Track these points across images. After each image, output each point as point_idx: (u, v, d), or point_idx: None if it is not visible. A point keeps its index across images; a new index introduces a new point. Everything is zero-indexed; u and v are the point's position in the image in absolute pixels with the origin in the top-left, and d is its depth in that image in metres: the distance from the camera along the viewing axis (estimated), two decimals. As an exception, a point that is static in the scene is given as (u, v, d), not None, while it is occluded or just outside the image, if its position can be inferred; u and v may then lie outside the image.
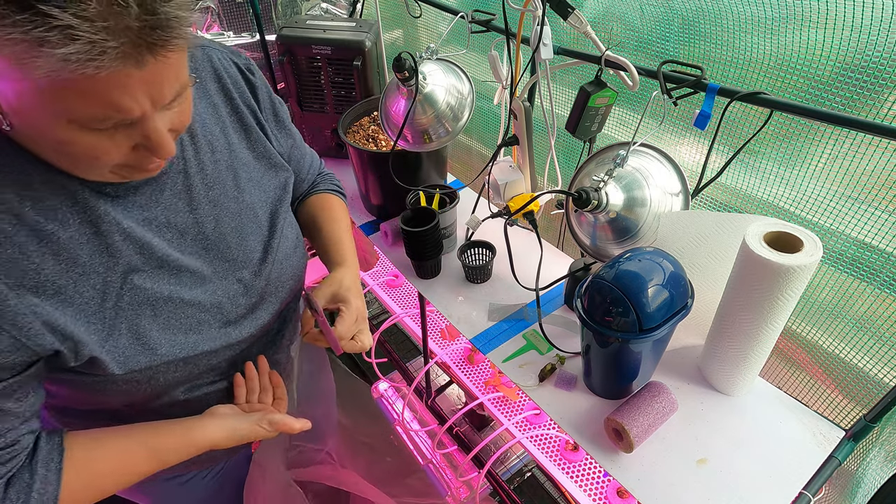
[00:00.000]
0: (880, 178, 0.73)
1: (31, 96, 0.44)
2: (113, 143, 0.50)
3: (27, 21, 0.39)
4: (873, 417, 0.76)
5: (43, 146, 0.52)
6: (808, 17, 0.72)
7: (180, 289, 0.66)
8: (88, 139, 0.48)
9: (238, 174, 0.74)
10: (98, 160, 0.51)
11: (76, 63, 0.41)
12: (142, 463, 0.65)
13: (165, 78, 0.48)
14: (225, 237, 0.71)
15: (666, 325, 0.74)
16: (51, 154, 0.53)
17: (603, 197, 0.84)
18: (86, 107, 0.45)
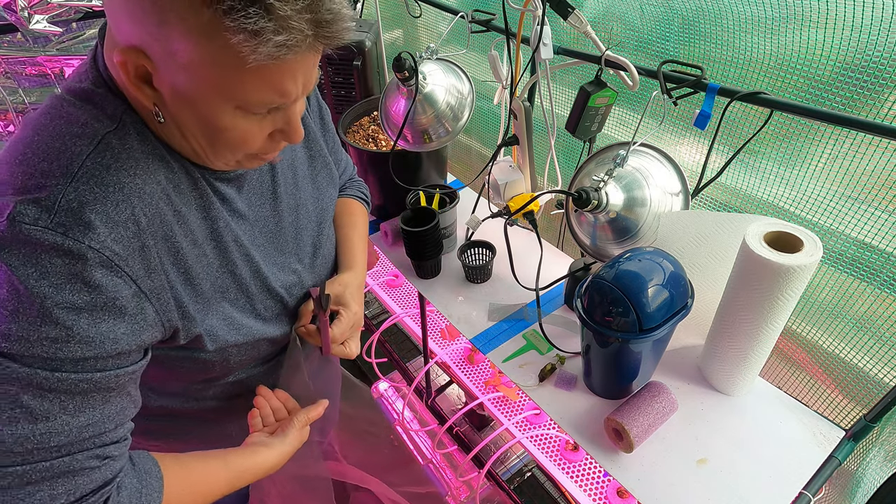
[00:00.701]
0: (880, 178, 0.73)
1: (214, 84, 0.49)
2: (261, 128, 0.55)
3: (254, 13, 0.44)
4: (873, 417, 0.76)
5: (196, 133, 0.54)
6: (808, 17, 0.72)
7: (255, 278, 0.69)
8: (245, 125, 0.53)
9: (297, 171, 0.77)
10: (245, 145, 0.56)
11: (283, 49, 0.46)
12: (222, 482, 0.65)
13: (314, 66, 0.55)
14: (284, 231, 0.75)
15: (666, 325, 0.74)
16: (200, 140, 0.55)
17: (603, 197, 0.84)
18: (261, 92, 0.50)
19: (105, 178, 0.50)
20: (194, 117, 0.52)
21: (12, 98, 1.32)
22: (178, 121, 0.53)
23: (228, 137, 0.54)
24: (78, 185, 0.48)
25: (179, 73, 0.48)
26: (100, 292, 0.48)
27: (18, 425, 0.46)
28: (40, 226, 0.45)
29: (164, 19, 0.44)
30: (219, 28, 0.44)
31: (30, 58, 1.29)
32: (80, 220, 0.47)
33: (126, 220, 0.50)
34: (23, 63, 1.30)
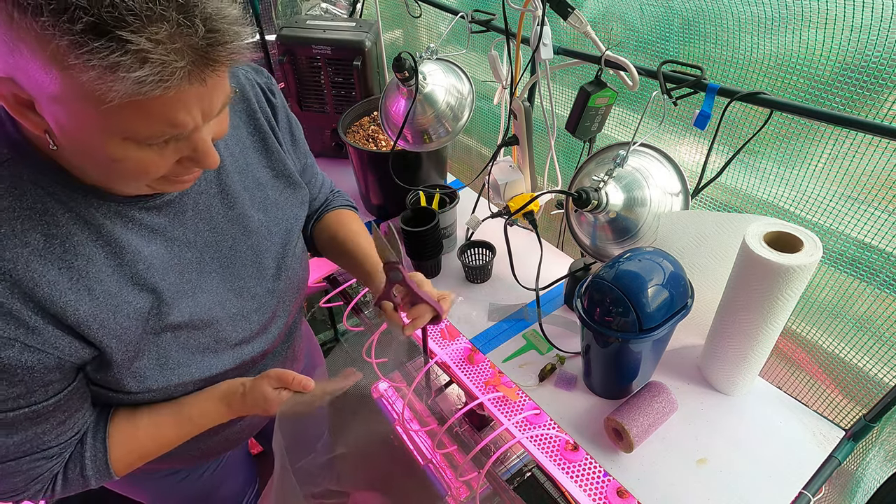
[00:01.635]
0: (880, 178, 0.73)
1: (89, 117, 0.45)
2: (162, 156, 0.51)
3: (103, 48, 0.40)
4: (873, 417, 0.76)
5: (88, 164, 0.52)
6: (808, 17, 0.72)
7: (199, 310, 0.66)
8: (139, 155, 0.49)
9: (254, 194, 0.74)
10: (146, 174, 0.52)
11: (149, 85, 0.42)
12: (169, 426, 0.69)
13: (216, 91, 0.49)
14: (241, 255, 0.72)
15: (666, 325, 0.74)
16: (95, 170, 0.53)
17: (603, 197, 0.84)
18: (145, 125, 0.46)
19: None
20: (82, 148, 0.49)
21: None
22: (69, 149, 0.50)
23: (123, 168, 0.50)
24: None
25: (52, 103, 0.44)
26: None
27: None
28: None
29: (17, 48, 0.41)
30: (68, 63, 0.40)
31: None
32: None
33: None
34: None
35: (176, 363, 0.64)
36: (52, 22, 0.39)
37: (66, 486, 0.62)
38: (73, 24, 0.39)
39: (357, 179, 1.34)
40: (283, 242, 0.78)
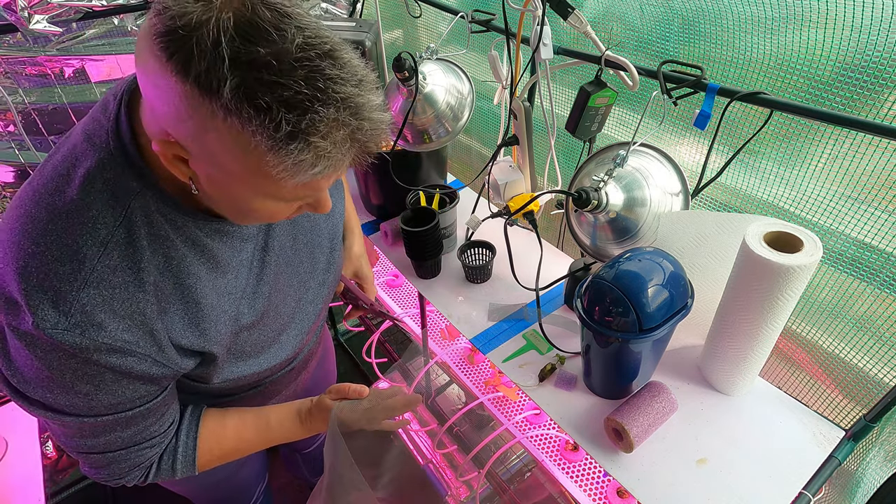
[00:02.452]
0: (880, 178, 0.73)
1: (253, 187, 0.51)
2: (289, 207, 0.57)
3: (295, 149, 0.45)
4: (873, 417, 0.76)
5: (223, 206, 0.57)
6: (808, 17, 0.72)
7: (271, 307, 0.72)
8: (274, 207, 0.55)
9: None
10: (271, 220, 0.59)
11: (319, 176, 0.49)
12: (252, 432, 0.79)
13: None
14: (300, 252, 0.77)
15: (666, 325, 0.74)
16: (226, 211, 0.58)
17: (603, 197, 0.83)
18: (294, 193, 0.52)
19: (112, 280, 0.54)
20: (226, 199, 0.55)
21: (12, 98, 1.32)
22: (212, 197, 0.55)
23: (257, 216, 0.57)
24: (90, 290, 0.53)
25: (215, 170, 0.50)
26: (115, 370, 0.57)
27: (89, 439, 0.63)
28: (60, 329, 0.52)
29: (205, 133, 0.45)
30: (262, 159, 0.46)
31: (30, 58, 1.29)
32: (93, 322, 0.53)
33: (133, 313, 0.56)
34: (23, 63, 1.30)
35: (248, 355, 0.72)
36: (258, 129, 0.44)
37: (157, 474, 0.70)
38: (277, 133, 0.44)
39: (357, 179, 1.34)
40: (331, 237, 0.83)
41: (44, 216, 0.53)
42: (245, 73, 0.43)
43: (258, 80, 0.43)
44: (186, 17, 0.42)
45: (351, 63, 0.48)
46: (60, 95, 1.37)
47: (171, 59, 0.43)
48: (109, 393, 0.59)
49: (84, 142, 0.55)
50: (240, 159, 0.47)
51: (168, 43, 0.43)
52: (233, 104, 0.43)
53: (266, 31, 0.43)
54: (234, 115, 0.43)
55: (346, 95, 0.46)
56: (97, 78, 1.39)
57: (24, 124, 1.38)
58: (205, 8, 0.43)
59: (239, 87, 0.43)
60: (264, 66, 0.43)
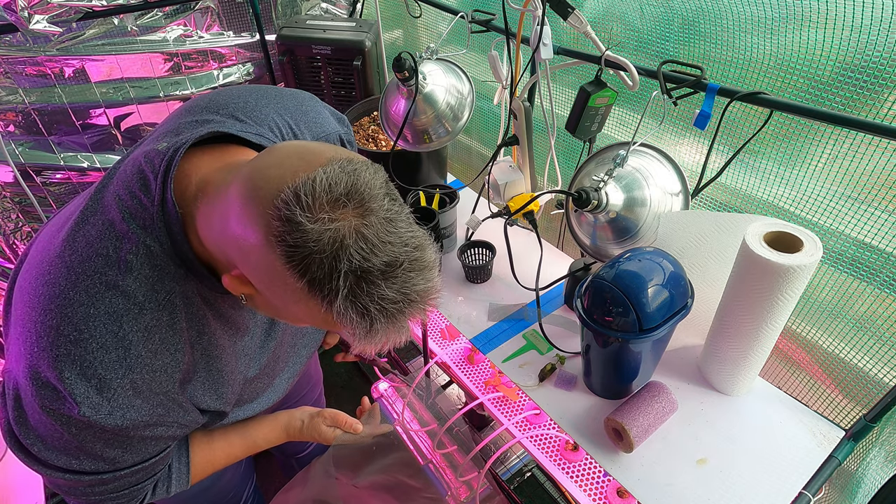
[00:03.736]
0: (880, 178, 0.73)
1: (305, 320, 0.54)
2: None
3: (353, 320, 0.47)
4: (873, 417, 0.76)
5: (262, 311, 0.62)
6: (808, 17, 0.72)
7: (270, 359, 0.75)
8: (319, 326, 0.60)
9: None
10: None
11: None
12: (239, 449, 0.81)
13: None
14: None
15: (666, 325, 0.74)
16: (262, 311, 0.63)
17: (603, 197, 0.83)
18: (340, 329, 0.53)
19: (154, 364, 0.56)
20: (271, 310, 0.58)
21: (12, 98, 1.32)
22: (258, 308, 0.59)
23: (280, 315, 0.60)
24: (133, 376, 0.54)
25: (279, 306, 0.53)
26: (145, 438, 0.60)
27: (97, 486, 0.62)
28: (103, 413, 0.53)
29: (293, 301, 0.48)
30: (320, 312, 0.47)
31: (30, 58, 1.29)
32: (132, 404, 0.55)
33: (168, 391, 0.58)
34: (23, 63, 1.30)
35: (246, 402, 0.75)
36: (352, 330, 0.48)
37: (152, 497, 0.72)
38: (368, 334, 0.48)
39: (357, 179, 1.34)
40: None
41: (84, 300, 0.52)
42: (355, 281, 0.45)
43: (364, 289, 0.46)
44: (319, 244, 0.44)
45: (429, 260, 0.50)
46: (60, 95, 1.37)
47: (289, 263, 0.45)
48: (136, 454, 0.61)
49: (124, 221, 0.54)
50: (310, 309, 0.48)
51: (292, 254, 0.44)
52: (342, 309, 0.46)
53: (378, 247, 0.45)
54: (338, 316, 0.46)
55: (412, 287, 0.48)
56: (97, 78, 1.39)
57: (24, 124, 1.38)
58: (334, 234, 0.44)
59: (348, 296, 0.45)
60: (372, 280, 0.45)
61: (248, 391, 0.73)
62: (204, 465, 0.77)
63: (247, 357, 0.69)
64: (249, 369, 0.71)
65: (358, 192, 0.46)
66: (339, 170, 0.46)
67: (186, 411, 0.62)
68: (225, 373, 0.65)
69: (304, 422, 0.86)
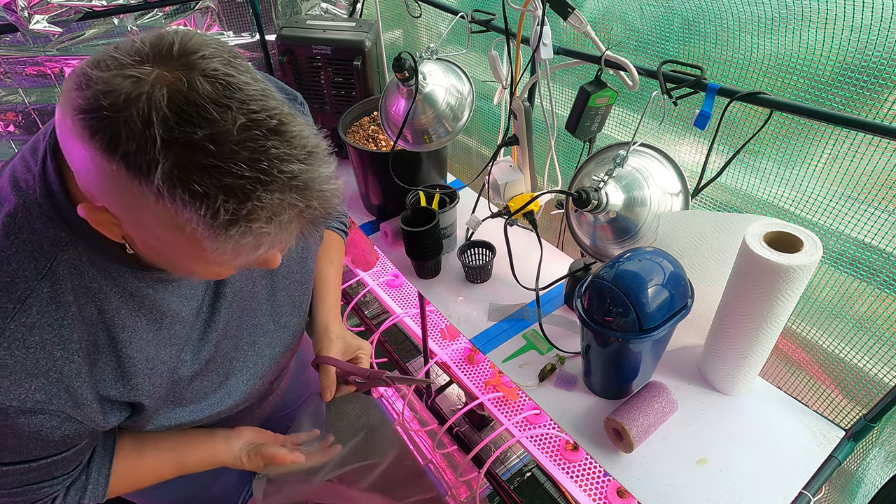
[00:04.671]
0: (880, 178, 0.73)
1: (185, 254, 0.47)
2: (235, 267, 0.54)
3: (236, 234, 0.42)
4: (873, 417, 0.76)
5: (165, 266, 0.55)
6: (808, 17, 0.72)
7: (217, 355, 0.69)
8: (217, 269, 0.52)
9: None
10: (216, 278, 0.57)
11: (263, 254, 0.46)
12: (170, 471, 0.75)
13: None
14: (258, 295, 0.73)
15: (666, 325, 0.74)
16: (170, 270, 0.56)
17: (603, 197, 0.83)
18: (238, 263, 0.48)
19: (28, 340, 0.50)
20: (166, 262, 0.52)
21: (12, 98, 1.32)
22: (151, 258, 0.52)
23: (200, 275, 0.54)
24: (0, 352, 0.49)
25: (151, 237, 0.47)
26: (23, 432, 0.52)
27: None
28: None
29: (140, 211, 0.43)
30: (201, 244, 0.43)
31: (30, 58, 1.29)
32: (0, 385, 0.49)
33: (48, 371, 0.51)
34: (23, 63, 1.30)
35: (188, 402, 0.68)
36: (195, 217, 0.41)
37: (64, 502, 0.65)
38: (214, 220, 0.41)
39: (357, 179, 1.34)
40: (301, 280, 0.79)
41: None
42: (180, 155, 0.39)
43: (194, 163, 0.39)
44: (113, 95, 0.38)
45: (300, 135, 0.44)
46: (60, 95, 1.37)
47: (94, 137, 0.39)
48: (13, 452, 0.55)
49: (10, 185, 0.51)
50: (176, 235, 0.43)
51: (91, 121, 0.38)
52: (165, 189, 0.39)
53: (204, 109, 0.39)
54: (166, 200, 0.40)
55: (293, 174, 0.43)
56: (97, 78, 1.39)
57: (24, 124, 1.38)
58: (135, 84, 0.39)
59: (172, 172, 0.39)
60: (201, 149, 0.39)
61: (190, 389, 0.67)
62: (126, 479, 0.70)
63: (175, 348, 0.62)
64: (182, 362, 0.64)
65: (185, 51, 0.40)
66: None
67: (78, 403, 0.54)
68: (138, 360, 0.58)
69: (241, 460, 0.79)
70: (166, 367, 0.62)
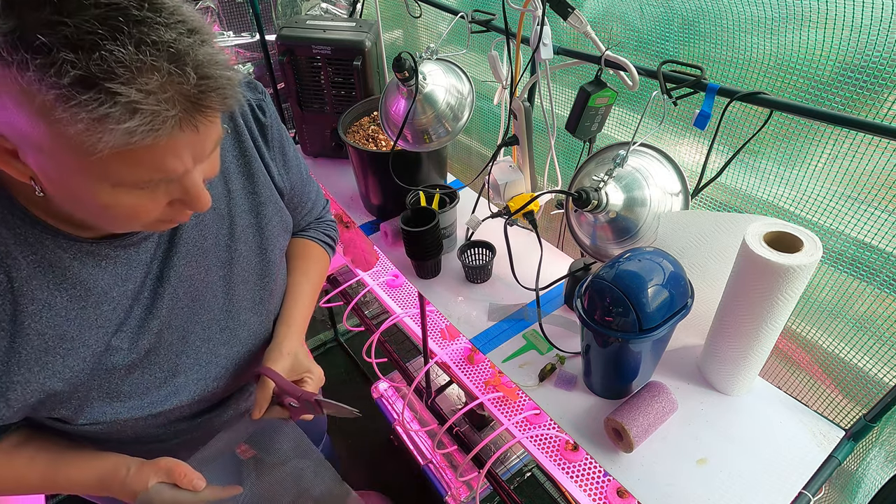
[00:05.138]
0: (880, 178, 0.73)
1: (78, 167, 0.44)
2: (153, 200, 0.50)
3: (92, 100, 0.39)
4: (873, 417, 0.76)
5: (78, 209, 0.51)
6: (808, 17, 0.72)
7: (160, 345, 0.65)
8: (130, 200, 0.48)
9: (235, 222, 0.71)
10: (137, 219, 0.51)
11: (139, 135, 0.41)
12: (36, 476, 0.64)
13: (208, 135, 0.48)
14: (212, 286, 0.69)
15: (666, 325, 0.74)
16: (85, 215, 0.51)
17: (603, 197, 0.84)
18: (134, 173, 0.45)
19: None
20: (70, 195, 0.48)
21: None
22: (57, 196, 0.49)
23: (115, 214, 0.49)
24: None
25: (38, 154, 0.44)
26: None
27: None
28: None
29: (2, 103, 0.40)
30: (55, 116, 0.39)
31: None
32: None
33: None
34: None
35: (127, 396, 0.63)
36: (39, 77, 0.38)
37: None
38: (61, 79, 0.38)
39: (357, 179, 1.34)
40: (261, 274, 0.75)
41: None
42: (22, 15, 0.37)
43: (37, 20, 0.37)
44: None
45: (177, 10, 0.42)
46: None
47: None
48: None
49: None
50: (48, 129, 0.40)
51: None
52: (5, 51, 0.37)
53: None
54: (11, 66, 0.37)
55: (158, 38, 0.40)
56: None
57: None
58: None
59: (14, 32, 0.37)
60: (46, 3, 0.37)
61: (128, 382, 0.62)
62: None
63: (102, 330, 0.58)
64: (116, 349, 0.60)
65: None
66: None
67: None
68: (49, 337, 0.54)
69: (129, 470, 0.65)
70: (90, 350, 0.58)
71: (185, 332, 0.67)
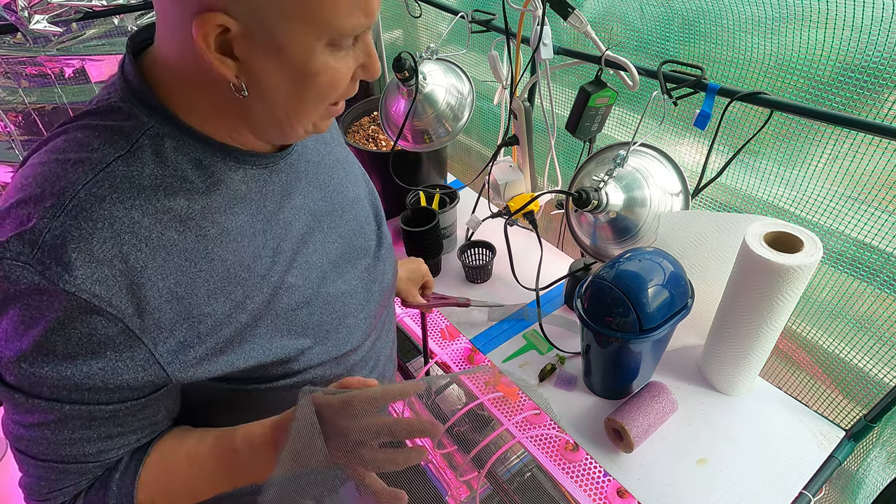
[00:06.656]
0: (880, 178, 0.73)
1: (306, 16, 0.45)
2: (346, 66, 0.51)
3: None
4: (873, 417, 0.76)
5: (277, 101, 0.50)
6: (808, 17, 0.72)
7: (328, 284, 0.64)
8: (335, 63, 0.49)
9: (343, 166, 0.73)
10: (334, 89, 0.52)
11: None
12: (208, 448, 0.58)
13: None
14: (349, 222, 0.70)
15: (666, 325, 0.74)
16: (283, 109, 0.51)
17: (603, 197, 0.83)
18: (351, 15, 0.46)
19: (95, 213, 0.45)
20: (283, 72, 0.48)
21: (12, 98, 1.32)
22: (263, 88, 0.49)
23: (320, 83, 0.50)
24: (65, 220, 0.44)
25: (268, 16, 0.44)
26: (72, 336, 0.46)
27: (17, 427, 0.51)
28: (21, 261, 0.43)
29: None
30: None
31: (30, 58, 1.29)
32: (59, 260, 0.44)
33: (112, 259, 0.46)
34: (23, 63, 1.30)
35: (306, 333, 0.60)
36: None
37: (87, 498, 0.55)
38: None
39: (357, 179, 1.34)
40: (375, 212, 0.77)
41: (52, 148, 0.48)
42: None
43: None
44: None
45: None
46: (60, 95, 1.37)
47: None
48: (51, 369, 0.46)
49: (96, 98, 0.52)
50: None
51: None
52: None
53: None
54: None
55: None
56: (97, 78, 1.39)
57: (24, 124, 1.38)
58: None
59: None
60: None
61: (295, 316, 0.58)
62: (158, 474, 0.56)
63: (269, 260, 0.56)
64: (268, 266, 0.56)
65: None
66: None
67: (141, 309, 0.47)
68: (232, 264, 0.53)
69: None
70: (268, 283, 0.56)
71: (342, 271, 0.66)
